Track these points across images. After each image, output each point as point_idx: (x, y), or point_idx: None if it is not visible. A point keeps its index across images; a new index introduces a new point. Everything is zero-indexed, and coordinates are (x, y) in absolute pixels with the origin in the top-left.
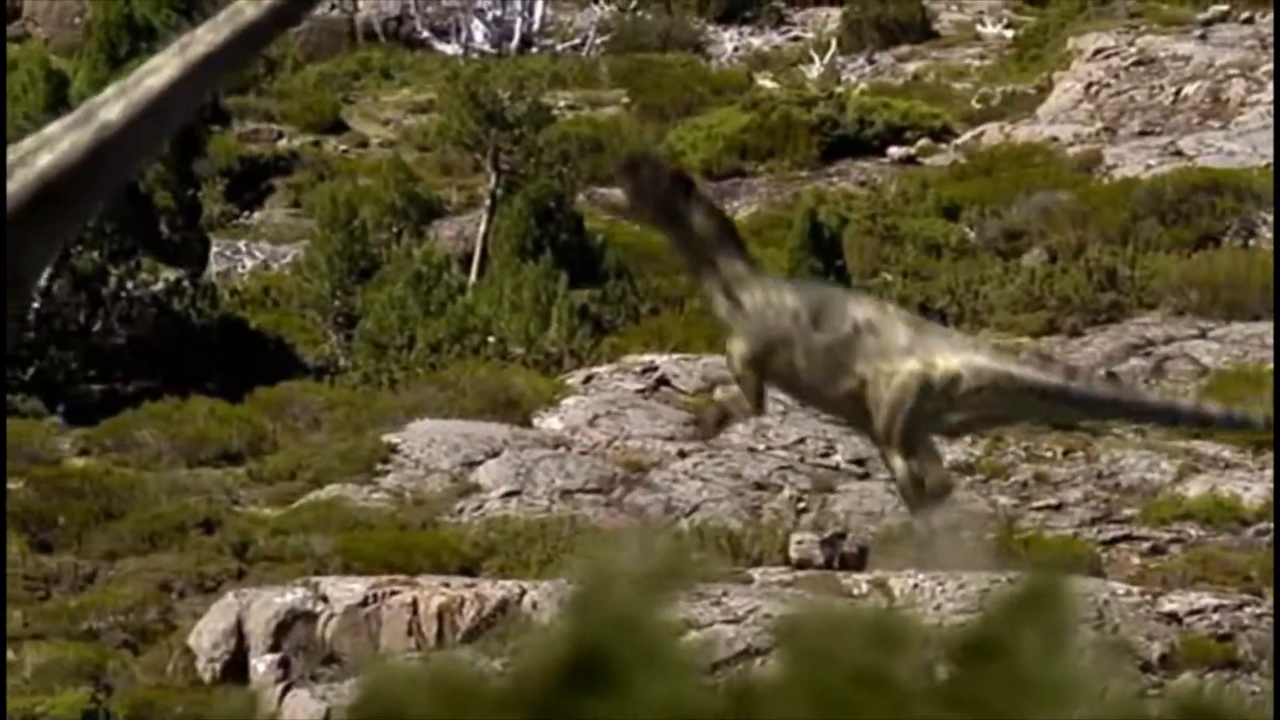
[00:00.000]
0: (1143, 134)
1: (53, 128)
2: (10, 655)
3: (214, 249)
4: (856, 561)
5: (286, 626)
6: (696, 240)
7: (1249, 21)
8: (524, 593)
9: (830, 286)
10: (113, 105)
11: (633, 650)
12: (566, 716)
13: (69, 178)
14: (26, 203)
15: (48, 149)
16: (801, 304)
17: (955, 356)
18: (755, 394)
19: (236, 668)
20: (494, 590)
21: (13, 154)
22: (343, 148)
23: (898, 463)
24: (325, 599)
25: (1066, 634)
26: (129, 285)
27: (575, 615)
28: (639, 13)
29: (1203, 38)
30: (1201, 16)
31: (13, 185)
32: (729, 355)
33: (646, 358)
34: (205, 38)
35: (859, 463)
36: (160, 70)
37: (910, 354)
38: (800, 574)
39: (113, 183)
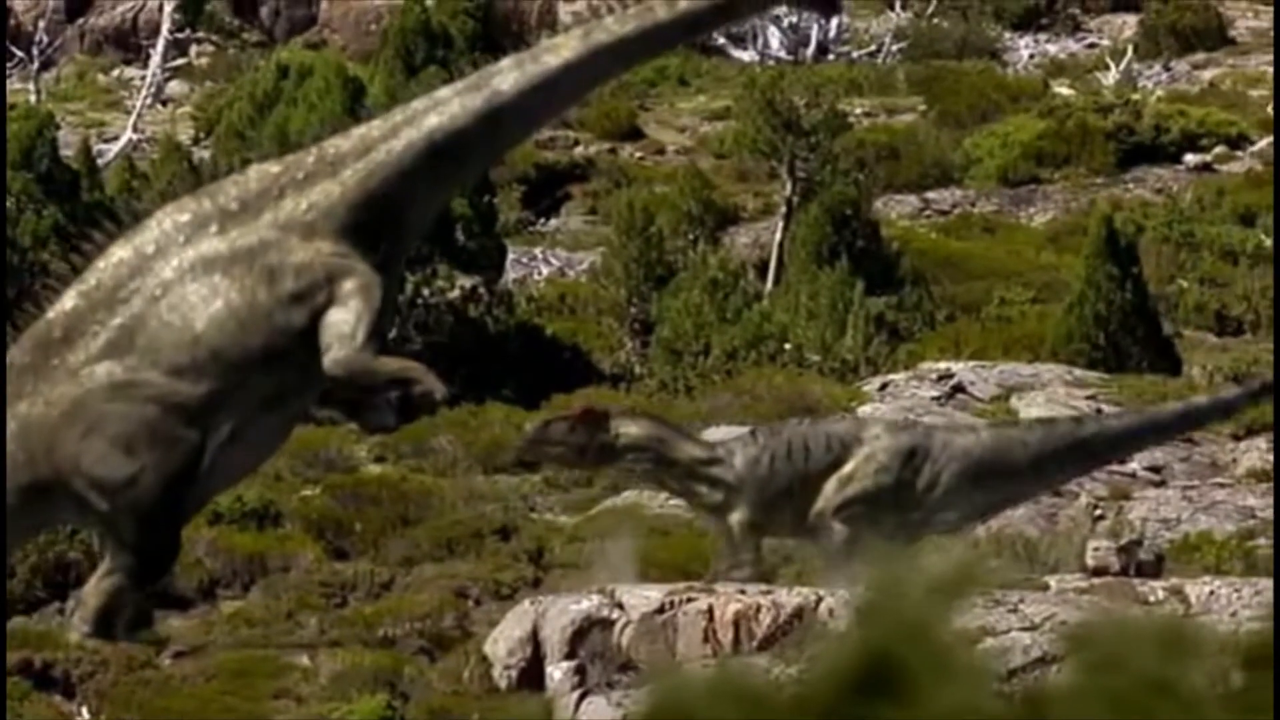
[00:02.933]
0: None
1: (444, 91)
2: (306, 662)
3: (510, 256)
4: (1153, 568)
5: (583, 634)
6: (642, 452)
7: None
8: (820, 600)
9: (793, 422)
10: (507, 75)
11: (924, 658)
12: None
13: (456, 139)
14: (413, 159)
15: (437, 111)
16: (785, 444)
17: (953, 446)
18: (755, 559)
19: (532, 675)
20: (790, 598)
21: (401, 114)
22: (639, 155)
23: (838, 529)
24: (621, 606)
25: None
26: (426, 292)
27: (868, 623)
28: (935, 20)
29: None
30: None
31: (400, 143)
32: (729, 532)
33: (943, 365)
34: (611, 27)
35: (1155, 470)
36: (559, 50)
37: (912, 453)
38: (1096, 581)
39: (496, 149)
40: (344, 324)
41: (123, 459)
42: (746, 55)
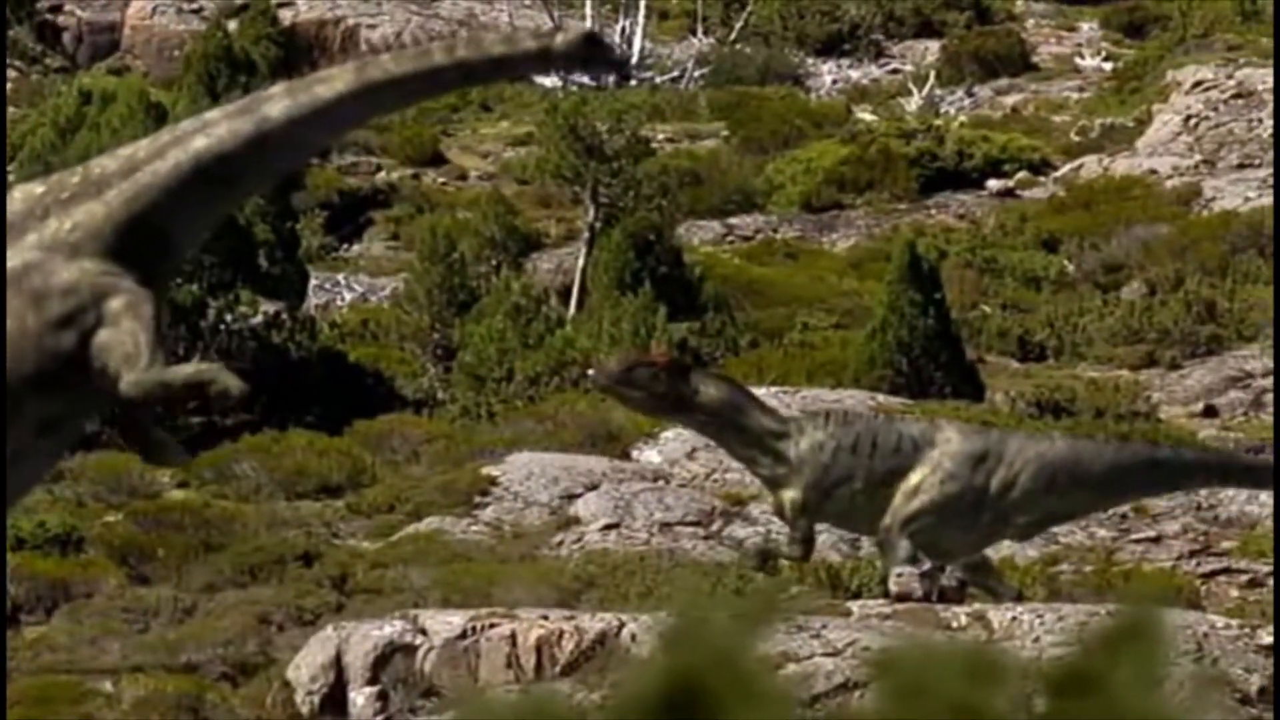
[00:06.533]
0: (1241, 167)
1: (213, 113)
2: (109, 688)
3: (313, 282)
4: (955, 594)
5: (385, 659)
6: (716, 415)
7: None
8: (622, 625)
9: (869, 415)
10: (277, 102)
11: (729, 683)
12: None
13: (223, 162)
14: (179, 181)
15: (205, 133)
16: (854, 436)
17: (1027, 450)
18: (806, 540)
19: (335, 701)
20: (592, 623)
21: (169, 134)
22: (442, 180)
23: (905, 543)
24: (424, 632)
25: (1164, 667)
26: (228, 318)
27: (673, 648)
28: (738, 45)
29: None
30: None
31: (167, 164)
32: (780, 506)
33: None
34: (386, 65)
35: None
36: (332, 81)
37: (983, 457)
38: (899, 607)
39: (266, 174)
40: (124, 345)
41: None
42: (549, 81)
